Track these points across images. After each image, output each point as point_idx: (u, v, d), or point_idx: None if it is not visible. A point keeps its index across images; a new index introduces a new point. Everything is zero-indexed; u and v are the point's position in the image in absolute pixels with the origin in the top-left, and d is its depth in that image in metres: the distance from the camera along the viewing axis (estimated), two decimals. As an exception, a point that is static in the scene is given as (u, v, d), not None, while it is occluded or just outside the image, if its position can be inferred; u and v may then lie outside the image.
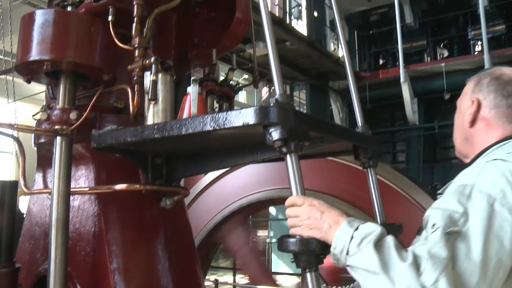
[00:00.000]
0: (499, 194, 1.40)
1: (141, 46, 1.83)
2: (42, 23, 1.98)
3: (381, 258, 1.32)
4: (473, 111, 1.74)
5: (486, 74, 1.78)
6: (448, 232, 1.34)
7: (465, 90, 1.84)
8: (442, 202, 1.48)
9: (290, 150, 1.45)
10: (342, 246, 1.39)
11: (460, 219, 1.37)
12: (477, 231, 1.34)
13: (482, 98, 1.73)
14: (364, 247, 1.35)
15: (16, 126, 2.19)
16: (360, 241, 1.37)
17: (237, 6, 2.33)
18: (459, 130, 1.85)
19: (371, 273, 1.33)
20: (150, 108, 1.81)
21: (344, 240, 1.40)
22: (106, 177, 2.17)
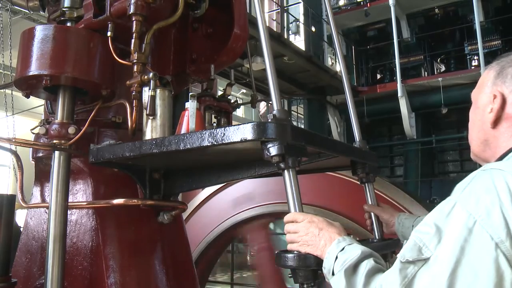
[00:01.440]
0: (482, 213, 1.14)
1: (140, 62, 1.84)
2: (42, 38, 1.99)
3: (348, 287, 1.30)
4: (496, 108, 1.40)
5: (509, 62, 1.43)
6: (408, 262, 1.19)
7: (483, 80, 1.49)
8: (424, 220, 1.27)
9: (288, 166, 1.45)
10: (329, 267, 1.39)
11: (430, 243, 1.17)
12: (445, 259, 1.13)
13: (507, 92, 1.40)
14: (338, 272, 1.34)
15: (14, 140, 2.20)
16: (342, 263, 1.34)
17: (235, 22, 2.35)
18: (477, 129, 1.49)
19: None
20: (148, 123, 1.82)
21: (330, 260, 1.39)
22: (104, 191, 2.17)
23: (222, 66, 2.44)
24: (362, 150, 2.17)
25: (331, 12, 2.71)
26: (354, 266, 1.32)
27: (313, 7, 14.61)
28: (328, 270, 1.38)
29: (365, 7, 15.87)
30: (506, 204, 1.13)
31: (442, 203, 1.25)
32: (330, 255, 1.40)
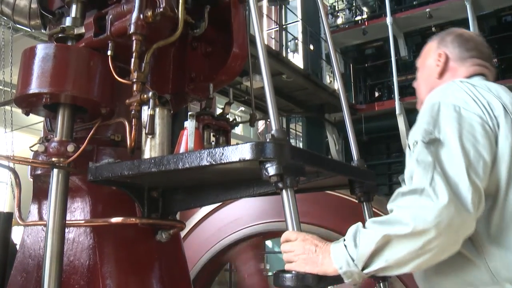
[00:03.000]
0: (462, 103, 1.53)
1: (139, 81, 1.86)
2: (42, 57, 2.01)
3: (380, 221, 1.42)
4: (442, 62, 1.85)
5: (447, 33, 1.93)
6: (427, 142, 1.47)
7: (428, 49, 1.96)
8: (417, 123, 1.59)
9: (286, 186, 1.46)
10: (344, 259, 1.42)
11: (434, 130, 1.49)
12: (451, 134, 1.46)
13: (449, 52, 1.86)
14: (359, 235, 1.43)
15: (13, 158, 2.20)
16: (353, 239, 1.43)
17: (234, 41, 2.37)
18: (426, 83, 1.93)
19: (384, 246, 1.36)
20: (147, 142, 1.82)
21: (342, 253, 1.44)
22: (102, 209, 2.16)
23: (221, 85, 2.45)
24: (360, 169, 2.18)
25: (329, 30, 2.74)
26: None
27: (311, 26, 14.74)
28: (346, 263, 1.41)
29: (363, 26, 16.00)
30: (472, 94, 1.57)
31: (426, 109, 1.60)
32: (337, 253, 1.45)
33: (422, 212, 1.32)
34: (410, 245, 1.33)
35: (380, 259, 1.38)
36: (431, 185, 1.35)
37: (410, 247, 1.33)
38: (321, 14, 2.90)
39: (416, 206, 1.35)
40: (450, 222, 1.30)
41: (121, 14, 2.04)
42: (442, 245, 1.34)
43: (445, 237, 1.32)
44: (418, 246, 1.32)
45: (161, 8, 1.92)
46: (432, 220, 1.30)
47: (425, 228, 1.30)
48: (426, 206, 1.33)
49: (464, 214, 1.32)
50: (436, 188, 1.34)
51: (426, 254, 1.34)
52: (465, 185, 1.36)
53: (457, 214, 1.31)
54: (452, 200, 1.32)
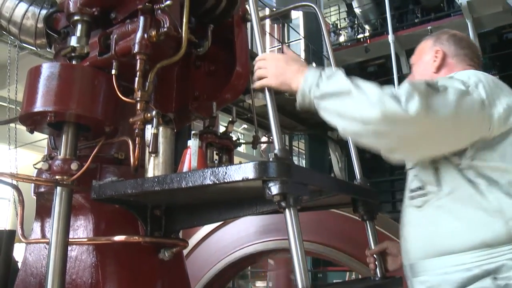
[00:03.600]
0: (472, 84, 1.61)
1: (143, 100, 1.87)
2: (47, 75, 2.03)
3: (354, 82, 1.51)
4: (440, 58, 1.97)
5: (441, 33, 2.08)
6: (427, 83, 1.52)
7: (423, 46, 2.08)
8: None
9: (289, 205, 1.46)
10: (311, 81, 1.58)
11: (440, 86, 1.53)
12: (453, 93, 1.51)
13: (445, 49, 1.99)
14: (335, 76, 1.55)
15: (17, 175, 2.21)
16: (330, 75, 1.57)
17: (237, 60, 2.39)
18: (421, 77, 1.99)
19: (343, 94, 1.50)
20: (151, 160, 1.83)
21: (313, 77, 1.59)
22: (105, 227, 2.16)
23: (224, 103, 2.47)
24: (363, 188, 2.18)
25: (331, 48, 2.76)
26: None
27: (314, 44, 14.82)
28: (309, 85, 1.58)
29: (365, 44, 16.09)
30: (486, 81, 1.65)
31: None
32: (311, 74, 1.60)
33: (383, 102, 1.43)
34: (352, 106, 1.48)
35: (332, 100, 1.53)
36: (406, 99, 1.43)
37: (351, 107, 1.48)
38: (323, 32, 2.93)
39: (386, 97, 1.45)
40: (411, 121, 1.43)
41: (125, 34, 2.06)
42: (373, 130, 1.46)
43: (391, 127, 1.44)
44: (356, 111, 1.47)
45: (165, 28, 1.94)
46: (380, 110, 1.42)
47: (371, 104, 1.44)
48: (392, 103, 1.43)
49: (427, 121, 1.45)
50: (410, 103, 1.42)
51: (354, 122, 1.48)
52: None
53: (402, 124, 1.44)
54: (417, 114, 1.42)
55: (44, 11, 2.49)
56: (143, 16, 1.98)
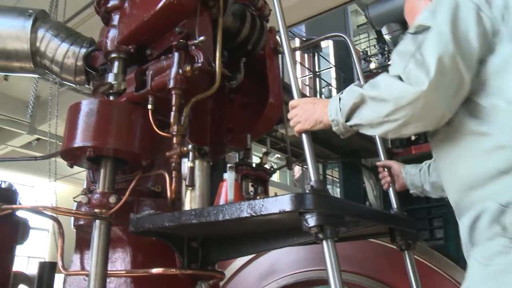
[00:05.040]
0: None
1: (179, 134, 1.91)
2: (87, 112, 2.10)
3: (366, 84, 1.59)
4: None
5: None
6: (414, 32, 1.54)
7: (413, 5, 2.00)
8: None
9: (326, 236, 1.45)
10: (335, 108, 1.66)
11: (428, 19, 1.53)
12: (444, 18, 1.49)
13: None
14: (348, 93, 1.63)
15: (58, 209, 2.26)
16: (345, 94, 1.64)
17: (270, 92, 2.42)
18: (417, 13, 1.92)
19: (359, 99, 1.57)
20: (187, 193, 1.85)
21: (334, 103, 1.67)
22: (142, 260, 2.18)
23: (258, 135, 2.49)
24: (400, 217, 2.14)
25: (362, 75, 2.76)
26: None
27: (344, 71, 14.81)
28: (335, 111, 1.66)
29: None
30: None
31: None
32: (332, 104, 1.68)
33: (392, 87, 1.49)
34: (378, 109, 1.52)
35: (357, 115, 1.60)
36: (404, 73, 1.46)
37: (378, 112, 1.52)
38: (354, 59, 2.94)
39: (392, 83, 1.50)
40: (412, 102, 1.44)
41: (160, 69, 2.12)
42: (404, 119, 1.48)
43: (404, 112, 1.46)
44: (384, 113, 1.50)
45: (199, 63, 1.99)
46: (395, 95, 1.47)
47: (387, 98, 1.49)
48: (397, 85, 1.47)
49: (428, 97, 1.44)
50: (410, 76, 1.45)
51: (391, 123, 1.51)
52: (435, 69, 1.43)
53: (420, 97, 1.43)
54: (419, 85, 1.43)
55: (83, 50, 2.59)
56: (178, 52, 2.03)
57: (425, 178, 2.32)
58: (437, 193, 2.30)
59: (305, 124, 1.75)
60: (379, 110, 1.52)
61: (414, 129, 1.52)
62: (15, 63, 2.73)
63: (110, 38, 2.31)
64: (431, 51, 1.45)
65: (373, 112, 1.55)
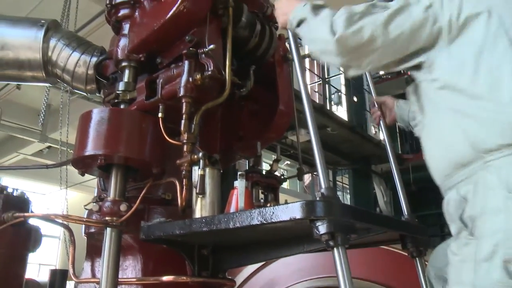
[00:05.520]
0: None
1: (190, 142, 1.92)
2: (98, 120, 2.12)
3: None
4: None
5: None
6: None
7: None
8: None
9: (337, 244, 1.44)
10: (293, 14, 1.82)
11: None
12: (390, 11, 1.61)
13: None
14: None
15: (69, 217, 2.27)
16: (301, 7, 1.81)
17: (280, 99, 2.42)
18: None
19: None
20: (198, 201, 1.86)
21: (296, 11, 1.83)
22: (153, 267, 2.19)
23: (268, 142, 2.49)
24: (411, 224, 2.13)
25: (372, 81, 2.76)
26: None
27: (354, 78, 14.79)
28: (293, 17, 1.82)
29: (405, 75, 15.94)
30: None
31: None
32: (296, 9, 1.84)
33: (324, 26, 1.66)
34: (310, 31, 1.76)
35: (300, 28, 1.80)
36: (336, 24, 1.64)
37: (309, 32, 1.76)
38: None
39: (325, 25, 1.67)
40: (326, 45, 1.66)
41: (171, 78, 2.13)
42: (321, 50, 1.74)
43: (322, 46, 1.71)
44: (311, 36, 1.76)
45: (209, 71, 2.00)
46: (342, 31, 1.61)
47: (319, 27, 1.69)
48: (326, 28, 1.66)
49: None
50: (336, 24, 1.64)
51: (315, 45, 1.76)
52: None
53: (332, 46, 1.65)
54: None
55: (94, 58, 2.62)
56: (188, 61, 2.05)
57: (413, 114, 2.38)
58: None
59: (281, 17, 1.96)
60: (310, 32, 1.76)
61: (329, 60, 1.80)
62: (27, 73, 2.76)
63: (121, 47, 2.33)
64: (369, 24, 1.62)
65: (308, 31, 1.77)
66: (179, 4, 2.07)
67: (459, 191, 1.54)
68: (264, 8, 2.57)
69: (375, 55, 1.66)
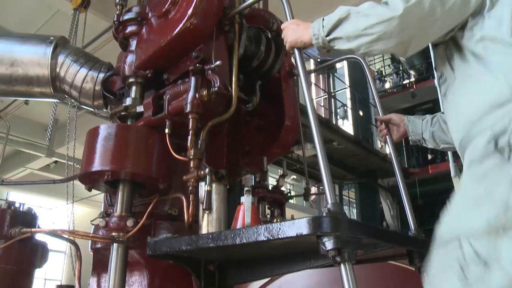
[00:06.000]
0: None
1: (196, 158, 1.92)
2: (105, 136, 2.13)
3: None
4: None
5: None
6: None
7: None
8: None
9: (344, 259, 1.44)
10: (318, 26, 1.80)
11: None
12: None
13: None
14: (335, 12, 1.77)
15: (75, 232, 2.28)
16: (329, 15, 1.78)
17: (286, 114, 2.43)
18: None
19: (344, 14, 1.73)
20: (205, 217, 1.85)
21: (318, 22, 1.81)
22: (159, 283, 2.19)
23: (274, 157, 2.49)
24: (418, 239, 2.12)
25: (377, 95, 2.76)
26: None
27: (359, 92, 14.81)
28: (318, 29, 1.80)
29: (411, 89, 15.94)
30: None
31: None
32: (315, 24, 1.82)
33: (375, 8, 1.67)
34: (358, 23, 1.69)
35: (338, 29, 1.75)
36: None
37: (358, 25, 1.69)
38: (368, 79, 2.94)
39: (375, 5, 1.68)
40: (387, 20, 1.63)
41: (177, 94, 2.15)
42: (378, 34, 1.65)
43: (379, 28, 1.64)
44: (363, 26, 1.67)
45: (216, 87, 2.01)
46: (376, 12, 1.65)
47: (370, 13, 1.67)
48: (379, 7, 1.66)
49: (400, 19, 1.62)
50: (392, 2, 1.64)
51: (365, 36, 1.68)
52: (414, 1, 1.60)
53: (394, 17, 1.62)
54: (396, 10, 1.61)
55: (101, 74, 2.64)
56: (194, 77, 2.06)
57: (426, 126, 2.38)
58: (434, 143, 2.36)
59: (290, 38, 1.93)
60: (359, 24, 1.70)
61: (383, 46, 1.69)
62: (35, 88, 2.79)
63: (128, 63, 2.35)
64: None
65: (354, 26, 1.71)
66: (186, 20, 2.09)
67: (494, 128, 1.52)
68: (270, 24, 2.59)
69: (436, 26, 1.69)
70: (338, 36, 1.76)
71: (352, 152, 12.44)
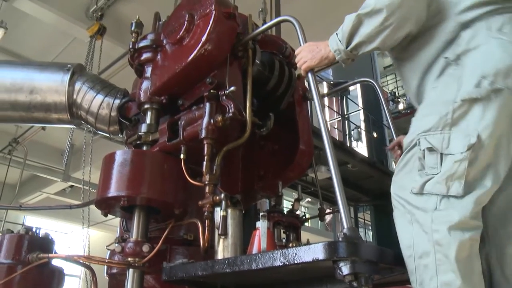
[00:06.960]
0: None
1: (211, 183, 1.93)
2: (121, 162, 2.15)
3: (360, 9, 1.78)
4: None
5: None
6: None
7: None
8: None
9: (360, 284, 1.43)
10: (335, 41, 1.84)
11: None
12: None
13: None
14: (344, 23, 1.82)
15: (92, 258, 2.29)
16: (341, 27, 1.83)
17: (300, 138, 2.44)
18: None
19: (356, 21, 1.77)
20: (220, 242, 1.85)
21: (334, 38, 1.85)
22: (175, 308, 2.17)
23: (289, 181, 2.49)
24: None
25: (391, 117, 2.76)
26: None
27: (373, 113, 14.76)
28: (336, 43, 1.83)
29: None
30: None
31: None
32: (331, 39, 1.85)
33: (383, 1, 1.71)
34: (374, 22, 1.73)
35: (356, 36, 1.78)
36: None
37: (374, 23, 1.73)
38: (381, 101, 2.95)
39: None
40: (400, 4, 1.70)
41: (192, 120, 2.17)
42: (396, 22, 1.72)
43: (396, 16, 1.70)
44: (380, 21, 1.72)
45: (230, 113, 2.02)
46: (386, 3, 1.70)
47: (380, 8, 1.70)
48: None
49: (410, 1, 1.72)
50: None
51: (387, 29, 1.73)
52: None
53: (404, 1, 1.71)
54: None
55: (117, 101, 2.68)
56: (209, 103, 2.08)
57: None
58: None
59: (312, 61, 1.92)
60: (375, 22, 1.74)
61: (407, 29, 1.76)
62: (53, 115, 2.84)
63: (143, 90, 2.38)
64: None
65: (371, 26, 1.75)
66: (200, 47, 2.12)
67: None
68: (283, 49, 2.61)
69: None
70: (359, 42, 1.80)
71: (367, 174, 12.33)
